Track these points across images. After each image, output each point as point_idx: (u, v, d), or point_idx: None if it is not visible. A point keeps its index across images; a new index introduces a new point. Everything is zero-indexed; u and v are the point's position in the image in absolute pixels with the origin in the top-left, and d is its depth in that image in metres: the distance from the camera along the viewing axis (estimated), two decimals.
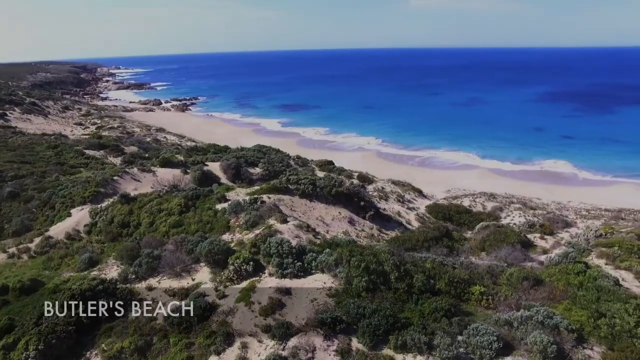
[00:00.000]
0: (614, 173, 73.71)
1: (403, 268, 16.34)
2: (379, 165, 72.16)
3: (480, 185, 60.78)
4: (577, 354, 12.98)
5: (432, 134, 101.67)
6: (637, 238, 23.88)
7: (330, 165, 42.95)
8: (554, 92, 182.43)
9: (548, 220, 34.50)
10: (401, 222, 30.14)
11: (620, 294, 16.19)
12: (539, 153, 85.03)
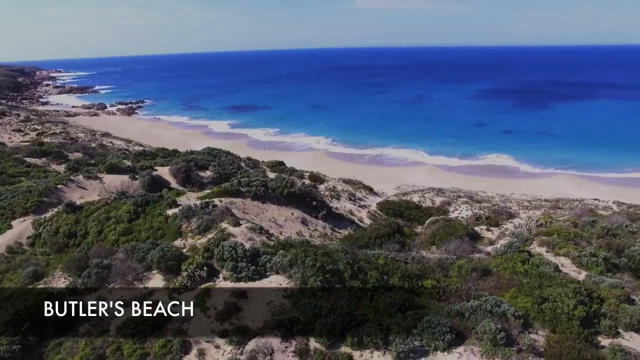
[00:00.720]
0: (551, 165, 77.55)
1: (357, 266, 16.63)
2: (329, 164, 72.70)
3: (429, 181, 62.41)
4: (523, 339, 13.63)
5: (380, 131, 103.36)
6: (573, 226, 25.30)
7: (282, 166, 42.94)
8: (495, 89, 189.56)
9: (493, 213, 35.88)
10: (353, 220, 30.55)
11: (560, 279, 17.15)
12: (483, 148, 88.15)
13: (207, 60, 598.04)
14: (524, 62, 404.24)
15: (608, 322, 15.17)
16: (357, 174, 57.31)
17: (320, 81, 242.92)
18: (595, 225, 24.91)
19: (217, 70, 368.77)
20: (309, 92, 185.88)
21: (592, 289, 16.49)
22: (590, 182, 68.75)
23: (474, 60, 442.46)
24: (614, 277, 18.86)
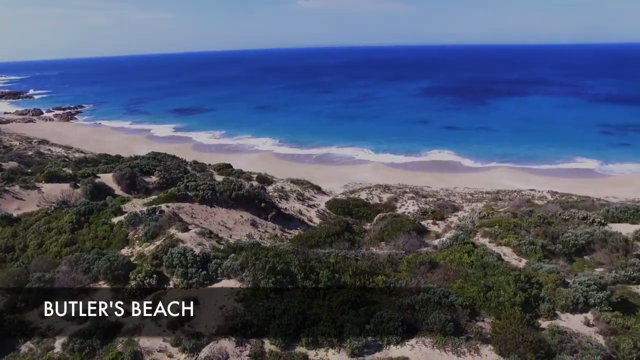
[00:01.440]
0: (490, 159, 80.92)
1: (308, 266, 16.75)
2: (277, 165, 72.62)
3: (376, 178, 63.58)
4: (471, 327, 14.20)
5: (326, 131, 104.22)
6: (512, 216, 26.52)
7: (229, 168, 42.43)
8: (435, 87, 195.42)
9: (438, 207, 37.03)
10: (303, 220, 30.69)
11: (502, 268, 17.99)
12: (426, 144, 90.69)
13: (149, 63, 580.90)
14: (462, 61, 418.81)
15: (547, 305, 16.06)
16: (305, 173, 57.59)
17: (265, 82, 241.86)
18: (533, 215, 26.23)
19: (160, 73, 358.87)
20: (254, 93, 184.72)
21: (531, 275, 17.38)
22: (527, 173, 72.28)
23: (415, 59, 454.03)
24: (550, 262, 19.97)
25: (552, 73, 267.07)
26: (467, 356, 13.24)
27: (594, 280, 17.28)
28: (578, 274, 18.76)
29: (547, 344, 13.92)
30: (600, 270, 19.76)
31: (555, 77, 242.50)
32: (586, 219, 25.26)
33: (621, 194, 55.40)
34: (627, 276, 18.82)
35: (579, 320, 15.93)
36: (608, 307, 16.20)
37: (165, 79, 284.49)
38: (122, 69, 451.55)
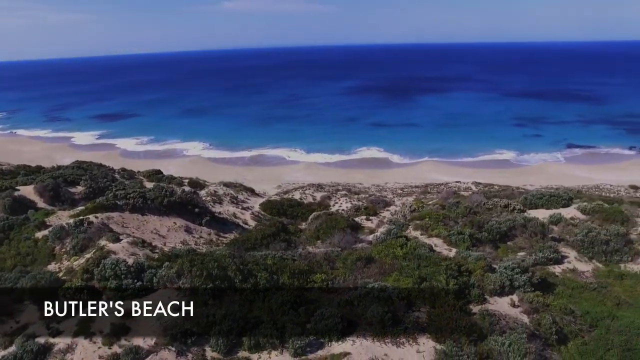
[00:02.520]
0: (418, 154, 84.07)
1: (246, 269, 16.64)
2: (208, 169, 71.39)
3: (308, 177, 64.11)
4: (408, 318, 14.72)
5: (257, 132, 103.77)
6: (441, 208, 27.69)
7: (159, 174, 41.03)
8: (362, 85, 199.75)
9: (371, 203, 37.91)
10: (238, 223, 30.39)
11: (434, 258, 18.77)
12: (356, 142, 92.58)
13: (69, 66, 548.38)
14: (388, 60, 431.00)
15: (476, 291, 16.96)
16: (238, 176, 57.12)
17: (193, 85, 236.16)
18: (459, 206, 27.54)
19: (81, 77, 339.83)
20: (182, 97, 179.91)
21: (461, 263, 18.28)
22: (452, 166, 75.76)
23: (342, 59, 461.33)
24: (478, 250, 21.08)
25: (470, 70, 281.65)
26: (406, 346, 13.71)
27: (517, 264, 18.48)
28: (503, 259, 19.95)
29: (479, 327, 14.73)
30: (522, 254, 21.14)
31: (474, 74, 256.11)
32: (507, 207, 26.86)
33: (536, 182, 59.48)
34: (545, 258, 20.29)
35: (505, 303, 16.96)
36: (530, 288, 17.39)
37: (88, 84, 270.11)
38: (39, 73, 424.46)
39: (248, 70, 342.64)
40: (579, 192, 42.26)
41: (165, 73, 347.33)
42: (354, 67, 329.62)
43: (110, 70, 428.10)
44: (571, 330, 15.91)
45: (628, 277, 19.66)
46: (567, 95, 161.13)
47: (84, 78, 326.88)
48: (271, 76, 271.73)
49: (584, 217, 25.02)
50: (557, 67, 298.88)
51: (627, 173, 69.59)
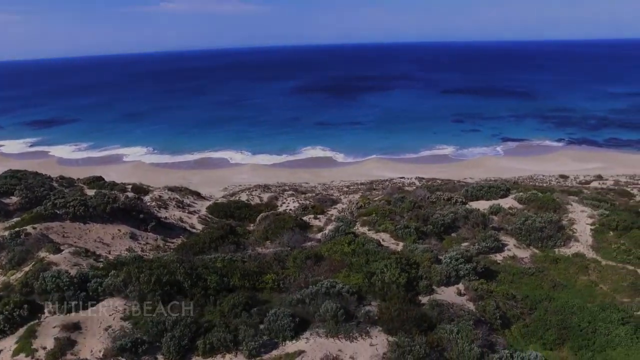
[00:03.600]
0: (362, 151, 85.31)
1: (195, 273, 16.36)
2: (152, 174, 69.42)
3: (255, 178, 63.67)
4: (360, 312, 14.96)
5: (201, 135, 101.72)
6: (387, 204, 28.26)
7: (100, 181, 39.26)
8: (305, 85, 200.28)
9: (318, 201, 38.12)
10: (185, 228, 29.76)
11: (383, 253, 19.16)
12: (301, 142, 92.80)
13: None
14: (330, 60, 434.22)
15: (424, 282, 17.49)
16: (183, 180, 55.91)
17: (132, 88, 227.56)
18: (405, 201, 28.23)
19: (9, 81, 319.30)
20: (123, 100, 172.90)
21: (409, 256, 18.79)
22: (396, 163, 77.49)
23: (285, 60, 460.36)
24: (424, 243, 21.72)
25: (410, 69, 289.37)
26: (359, 340, 13.91)
27: (462, 254, 19.21)
28: (448, 250, 20.65)
29: (429, 317, 15.19)
30: (466, 245, 21.97)
31: (414, 72, 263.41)
32: (450, 200, 27.81)
33: (476, 175, 61.88)
34: (487, 247, 21.19)
35: (452, 292, 17.58)
36: (475, 277, 18.14)
37: (20, 88, 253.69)
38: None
39: (189, 71, 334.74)
40: (515, 183, 44.38)
41: (106, 76, 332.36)
42: (296, 68, 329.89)
43: (40, 74, 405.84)
44: (514, 314, 16.73)
45: (561, 260, 20.90)
46: (501, 91, 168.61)
47: (10, 82, 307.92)
48: (213, 78, 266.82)
49: (520, 206, 26.30)
50: (491, 65, 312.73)
51: (556, 164, 73.74)
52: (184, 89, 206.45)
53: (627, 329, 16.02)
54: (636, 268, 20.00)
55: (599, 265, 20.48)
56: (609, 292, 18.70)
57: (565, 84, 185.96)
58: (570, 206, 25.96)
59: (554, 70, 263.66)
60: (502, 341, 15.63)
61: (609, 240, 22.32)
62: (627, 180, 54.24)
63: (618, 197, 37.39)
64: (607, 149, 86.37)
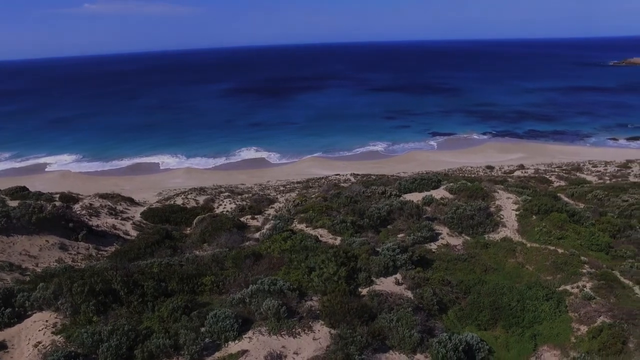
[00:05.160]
0: (297, 150, 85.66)
1: (131, 280, 15.80)
2: (82, 182, 66.13)
3: (190, 182, 62.30)
4: (302, 307, 15.05)
5: (134, 140, 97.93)
6: (323, 200, 28.56)
7: (24, 191, 36.77)
8: (238, 87, 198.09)
9: (255, 202, 37.92)
10: (119, 235, 28.63)
11: (321, 248, 19.36)
12: (236, 144, 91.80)
13: None
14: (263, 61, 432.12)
15: (364, 274, 17.83)
16: (115, 187, 53.78)
17: (58, 93, 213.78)
18: (340, 197, 28.62)
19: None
20: (46, 106, 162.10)
21: (347, 250, 19.07)
22: (331, 161, 78.45)
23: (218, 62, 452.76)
24: (361, 236, 22.12)
25: (342, 68, 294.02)
26: (302, 335, 14.00)
27: (398, 245, 19.76)
28: (385, 242, 21.16)
29: (369, 307, 15.53)
30: (401, 236, 22.61)
31: (345, 71, 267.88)
32: (384, 193, 28.50)
33: (409, 169, 63.87)
34: (422, 237, 21.93)
35: (391, 282, 18.05)
36: (411, 266, 18.73)
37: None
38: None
39: (118, 75, 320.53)
40: (446, 174, 46.22)
41: (24, 82, 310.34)
42: (231, 70, 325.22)
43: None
44: (449, 299, 17.43)
45: (491, 245, 22.02)
46: (429, 88, 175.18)
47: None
48: (144, 81, 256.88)
49: (451, 196, 27.41)
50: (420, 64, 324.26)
51: (483, 155, 77.59)
52: (113, 93, 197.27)
53: (551, 304, 17.21)
54: (556, 248, 21.43)
55: (525, 248, 21.76)
56: (534, 271, 19.91)
57: (488, 81, 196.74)
58: (497, 194, 27.37)
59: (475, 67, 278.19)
60: (440, 325, 16.24)
61: (532, 224, 23.77)
62: (546, 168, 57.98)
63: (538, 184, 39.95)
64: (528, 140, 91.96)
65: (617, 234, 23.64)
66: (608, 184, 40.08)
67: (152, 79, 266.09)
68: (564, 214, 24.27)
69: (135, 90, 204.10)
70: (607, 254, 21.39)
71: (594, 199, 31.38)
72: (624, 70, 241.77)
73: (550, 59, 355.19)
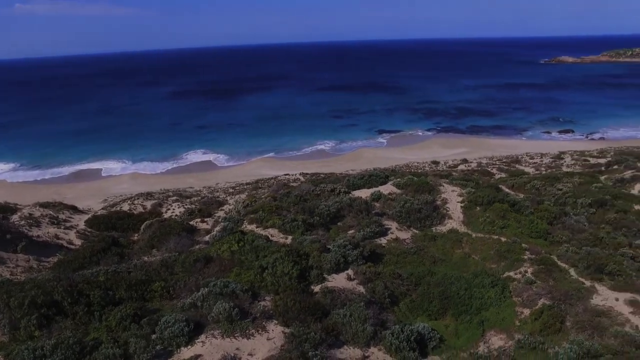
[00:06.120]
0: (245, 151, 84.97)
1: (75, 290, 15.23)
2: (19, 191, 62.65)
3: (137, 187, 60.53)
4: (255, 308, 14.99)
5: (77, 146, 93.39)
6: (273, 200, 28.51)
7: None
8: (184, 90, 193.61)
9: (204, 205, 37.29)
10: (62, 245, 27.37)
11: (272, 247, 19.34)
12: (183, 147, 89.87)
13: None
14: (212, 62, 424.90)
15: (315, 271, 17.95)
16: (57, 195, 51.42)
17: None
18: (290, 196, 28.65)
19: None
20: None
21: (298, 248, 19.16)
22: (280, 161, 78.33)
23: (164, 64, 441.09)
24: (312, 234, 22.24)
25: (289, 69, 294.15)
26: (256, 336, 13.95)
27: (348, 241, 20.04)
28: (335, 239, 21.38)
29: (322, 304, 15.69)
30: (352, 232, 22.91)
31: (293, 72, 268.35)
32: (334, 191, 28.76)
33: (357, 167, 64.75)
34: (372, 232, 22.30)
35: (343, 278, 18.27)
36: (362, 261, 19.03)
37: None
38: None
39: (60, 79, 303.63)
40: (393, 170, 47.18)
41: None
42: (177, 72, 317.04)
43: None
44: (400, 292, 17.84)
45: (439, 237, 22.70)
46: (373, 87, 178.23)
47: None
48: (87, 85, 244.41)
49: (399, 191, 28.01)
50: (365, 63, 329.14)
51: (428, 151, 79.70)
52: (53, 98, 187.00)
53: (496, 290, 17.95)
54: (500, 237, 22.37)
55: (470, 238, 22.56)
56: (480, 260, 20.71)
57: (431, 79, 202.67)
58: (443, 187, 28.20)
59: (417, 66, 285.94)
60: (392, 318, 16.60)
61: (476, 215, 24.68)
62: (487, 161, 60.27)
63: (481, 177, 41.47)
64: (470, 135, 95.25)
65: (553, 220, 24.90)
66: (544, 174, 42.11)
67: (97, 83, 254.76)
68: (505, 204, 25.36)
69: (78, 95, 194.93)
70: (545, 240, 22.52)
71: (532, 189, 32.88)
72: (553, 67, 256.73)
73: (488, 57, 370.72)
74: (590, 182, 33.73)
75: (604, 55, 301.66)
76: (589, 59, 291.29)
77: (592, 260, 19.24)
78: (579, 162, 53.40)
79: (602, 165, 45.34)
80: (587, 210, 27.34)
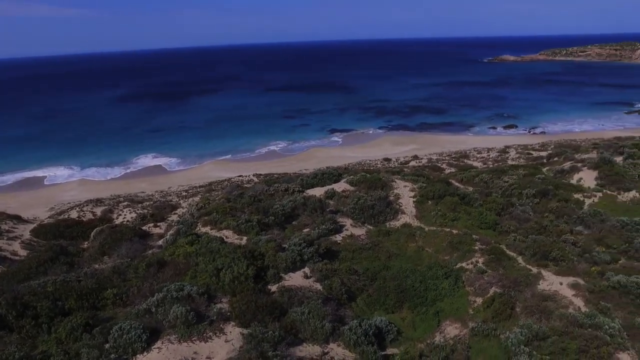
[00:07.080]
0: (197, 155, 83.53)
1: (20, 302, 14.59)
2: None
3: (86, 194, 58.38)
4: (211, 311, 14.83)
5: (19, 153, 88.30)
6: (227, 201, 28.20)
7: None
8: (132, 93, 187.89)
9: (156, 209, 36.45)
10: (5, 256, 26.09)
11: (227, 248, 19.15)
12: (133, 151, 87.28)
13: None
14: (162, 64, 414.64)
15: (272, 271, 17.94)
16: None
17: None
18: (244, 196, 28.42)
19: None
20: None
21: (253, 248, 19.06)
22: (232, 163, 77.53)
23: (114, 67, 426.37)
24: (267, 234, 22.18)
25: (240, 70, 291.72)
26: (214, 339, 13.82)
27: (304, 239, 20.11)
28: (291, 237, 21.40)
29: (280, 303, 15.70)
30: (307, 230, 22.99)
31: (243, 73, 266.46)
32: (288, 190, 28.77)
33: (310, 166, 64.96)
34: (327, 229, 22.46)
35: (299, 276, 18.33)
36: (318, 258, 19.16)
37: None
38: None
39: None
40: (346, 168, 47.68)
41: None
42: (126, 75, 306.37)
43: None
44: (357, 287, 18.09)
45: (393, 232, 23.13)
46: (325, 87, 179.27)
47: None
48: (29, 89, 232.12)
49: (352, 188, 28.33)
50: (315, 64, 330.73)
51: (380, 149, 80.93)
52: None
53: (450, 281, 18.51)
54: (451, 229, 23.03)
55: (423, 232, 23.11)
56: (433, 253, 21.25)
57: (380, 78, 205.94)
58: (395, 183, 28.75)
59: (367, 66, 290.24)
60: (350, 313, 16.82)
61: (428, 209, 25.31)
62: (437, 157, 61.85)
63: (432, 172, 42.56)
64: (420, 132, 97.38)
65: (501, 211, 25.90)
66: (491, 167, 43.69)
67: (40, 87, 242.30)
68: (456, 197, 26.14)
69: (18, 99, 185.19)
70: (494, 231, 23.40)
71: (481, 182, 34.03)
72: (496, 66, 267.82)
73: (434, 56, 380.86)
74: (533, 173, 35.20)
75: (541, 54, 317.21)
76: (528, 57, 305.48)
77: (538, 247, 20.15)
78: (523, 156, 55.77)
79: (543, 158, 47.44)
80: (532, 200, 28.57)
